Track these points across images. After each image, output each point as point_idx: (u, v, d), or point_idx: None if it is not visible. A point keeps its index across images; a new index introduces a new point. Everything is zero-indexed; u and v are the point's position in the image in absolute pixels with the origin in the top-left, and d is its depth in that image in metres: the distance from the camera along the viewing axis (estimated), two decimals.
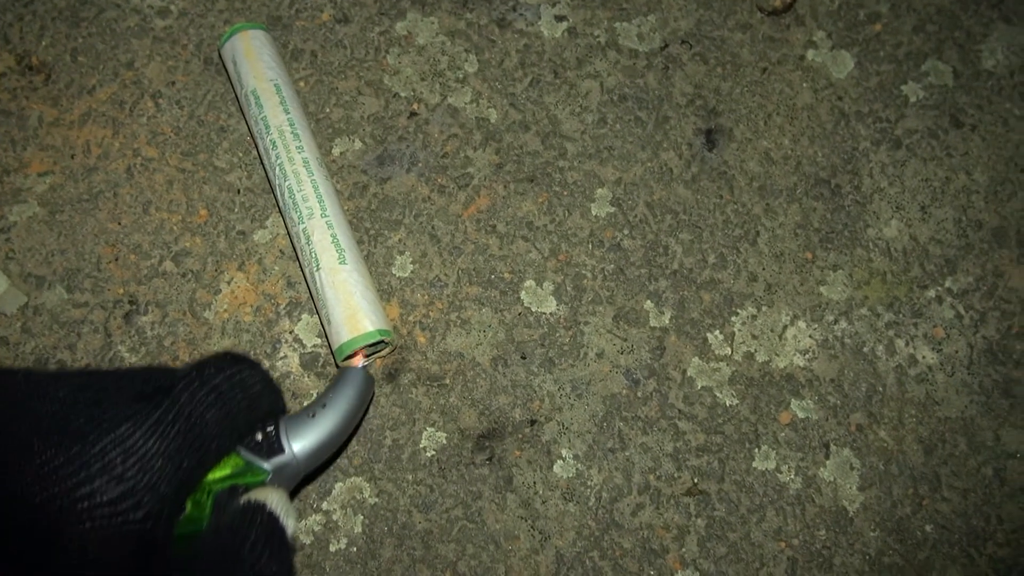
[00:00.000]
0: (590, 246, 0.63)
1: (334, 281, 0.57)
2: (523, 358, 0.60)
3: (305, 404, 0.46)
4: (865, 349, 0.61)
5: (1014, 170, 0.66)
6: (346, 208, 0.63)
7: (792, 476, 0.57)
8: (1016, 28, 0.71)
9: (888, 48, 0.70)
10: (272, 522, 0.34)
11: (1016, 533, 0.56)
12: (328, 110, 0.66)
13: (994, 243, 0.64)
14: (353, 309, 0.56)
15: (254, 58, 0.63)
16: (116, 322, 0.59)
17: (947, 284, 0.62)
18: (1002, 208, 0.65)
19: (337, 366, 0.57)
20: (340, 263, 0.58)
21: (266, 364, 0.59)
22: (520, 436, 0.58)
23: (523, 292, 0.62)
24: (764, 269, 0.63)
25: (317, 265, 0.58)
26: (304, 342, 0.60)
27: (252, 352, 0.59)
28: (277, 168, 0.60)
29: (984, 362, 0.60)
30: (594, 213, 0.64)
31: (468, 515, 0.56)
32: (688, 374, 0.60)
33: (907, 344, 0.61)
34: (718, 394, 0.59)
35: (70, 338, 0.59)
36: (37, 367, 0.57)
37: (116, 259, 0.61)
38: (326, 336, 0.58)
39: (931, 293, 0.62)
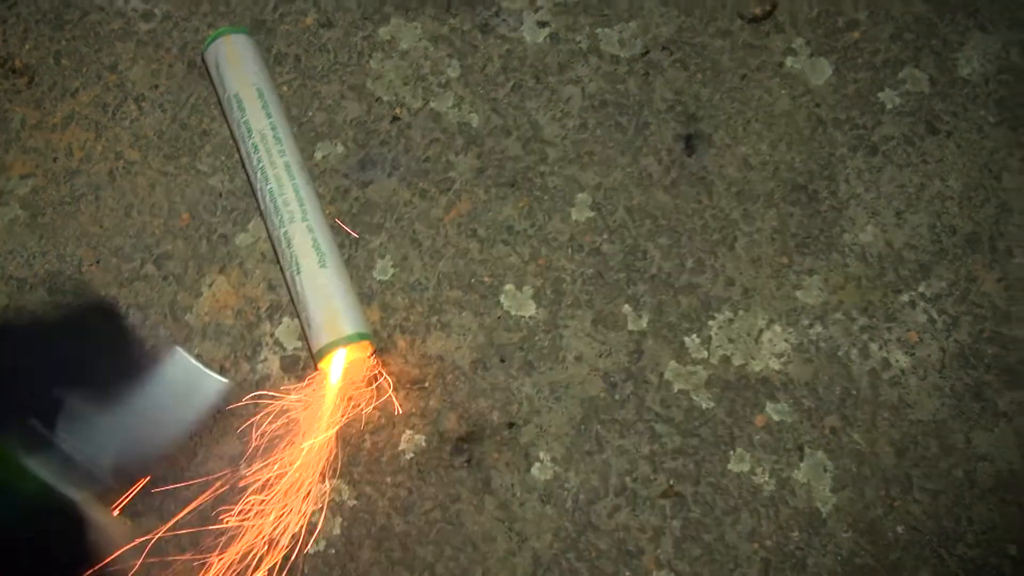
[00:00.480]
0: (570, 250, 0.64)
1: (314, 285, 0.58)
2: (502, 361, 0.61)
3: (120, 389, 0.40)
4: (839, 353, 0.62)
5: (988, 176, 0.67)
6: (328, 212, 0.63)
7: (766, 478, 0.58)
8: (992, 36, 0.72)
9: (866, 55, 0.71)
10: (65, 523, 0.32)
11: (986, 534, 0.57)
12: (311, 114, 0.67)
13: (967, 248, 0.65)
14: (333, 312, 0.57)
15: (237, 62, 0.64)
16: None
17: (921, 289, 0.63)
18: (976, 214, 0.66)
19: (316, 369, 0.58)
20: (320, 267, 0.58)
21: (246, 367, 0.59)
22: (499, 439, 0.59)
23: (503, 296, 0.62)
24: (741, 274, 0.64)
25: (298, 269, 0.58)
26: (285, 345, 0.60)
27: (232, 355, 0.59)
28: (259, 172, 0.61)
29: (956, 366, 0.61)
30: (574, 218, 0.65)
31: (446, 517, 0.57)
32: (665, 377, 0.61)
33: (881, 348, 0.62)
34: (694, 397, 0.60)
35: None
36: None
37: (97, 262, 0.62)
38: (306, 339, 0.58)
39: (905, 298, 0.63)
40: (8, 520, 0.32)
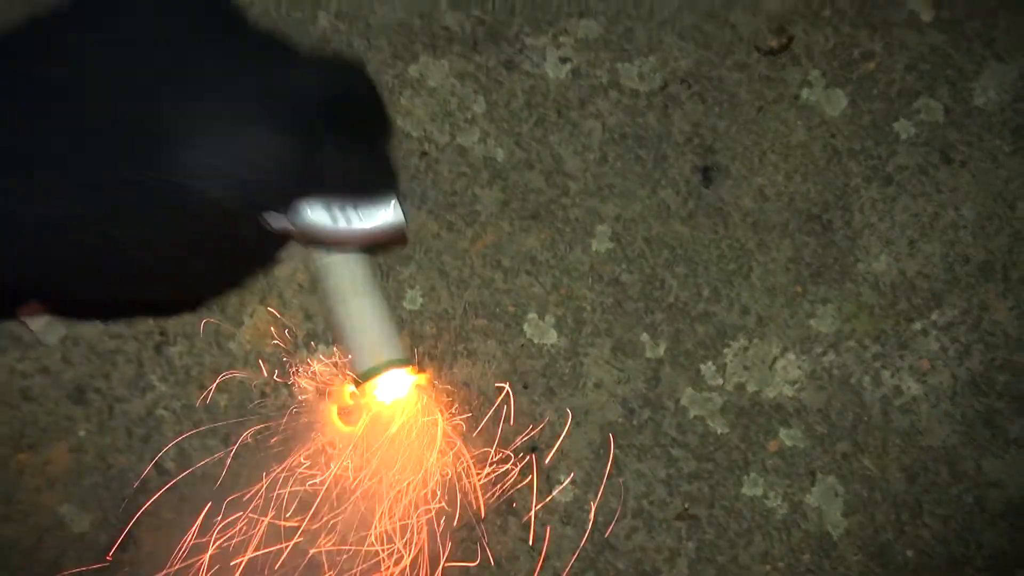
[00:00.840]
0: (590, 280, 0.67)
1: (352, 314, 0.62)
2: (525, 387, 0.64)
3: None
4: (852, 380, 0.64)
5: (1002, 205, 0.68)
6: None
7: (779, 502, 0.61)
8: (1008, 66, 0.73)
9: (881, 86, 0.72)
10: None
11: (995, 559, 0.59)
12: None
13: (980, 277, 0.66)
14: (372, 340, 0.61)
15: None
16: (148, 352, 0.64)
17: (933, 317, 0.65)
18: (989, 243, 0.67)
19: (357, 394, 0.62)
20: (358, 297, 0.62)
21: (285, 393, 0.63)
22: (522, 462, 0.62)
23: (526, 324, 0.66)
24: (756, 302, 0.66)
25: (336, 299, 0.62)
26: (320, 372, 0.64)
27: (272, 382, 0.63)
28: None
29: (967, 393, 0.63)
30: (594, 248, 0.68)
31: (472, 537, 0.60)
32: (681, 403, 0.63)
33: (893, 375, 0.64)
34: (710, 423, 0.63)
35: (105, 368, 0.64)
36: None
37: None
38: (347, 366, 0.62)
39: (917, 326, 0.65)
40: None
